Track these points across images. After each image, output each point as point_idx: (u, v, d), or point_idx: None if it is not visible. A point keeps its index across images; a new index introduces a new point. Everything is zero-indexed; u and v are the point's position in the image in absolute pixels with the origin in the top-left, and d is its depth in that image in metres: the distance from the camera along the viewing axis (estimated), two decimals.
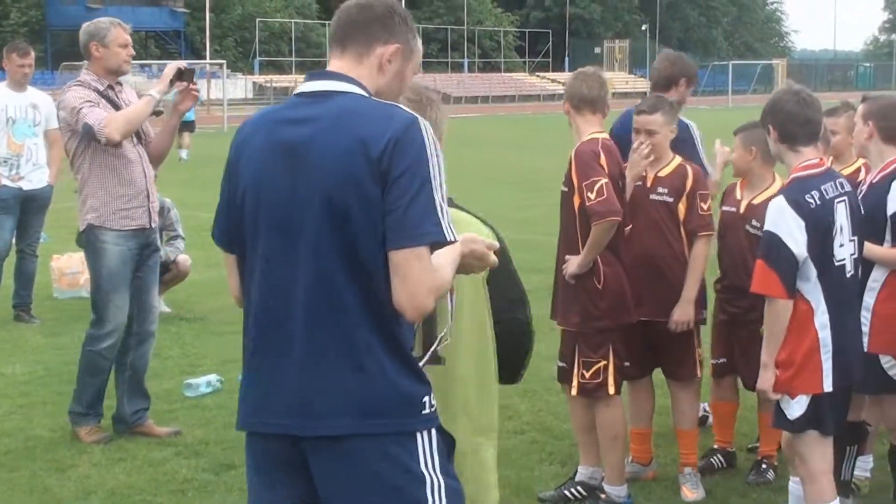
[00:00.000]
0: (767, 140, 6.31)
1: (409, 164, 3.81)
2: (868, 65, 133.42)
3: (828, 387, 6.01)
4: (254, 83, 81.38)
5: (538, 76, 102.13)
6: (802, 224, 5.89)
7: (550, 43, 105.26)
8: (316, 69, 4.35)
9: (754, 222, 7.54)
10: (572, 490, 7.43)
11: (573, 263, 7.03)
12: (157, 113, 8.36)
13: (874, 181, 6.82)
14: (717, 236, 7.71)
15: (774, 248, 5.90)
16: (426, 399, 3.96)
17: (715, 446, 8.11)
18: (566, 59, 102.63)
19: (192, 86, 8.35)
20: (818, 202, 5.96)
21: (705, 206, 7.45)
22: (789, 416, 6.10)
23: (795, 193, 5.98)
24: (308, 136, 3.93)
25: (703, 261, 7.46)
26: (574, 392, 7.21)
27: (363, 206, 3.82)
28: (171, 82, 8.30)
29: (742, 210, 7.71)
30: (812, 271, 5.93)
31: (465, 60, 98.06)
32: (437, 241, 3.85)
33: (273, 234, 3.97)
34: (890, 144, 6.68)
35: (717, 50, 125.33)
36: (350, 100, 3.98)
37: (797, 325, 5.98)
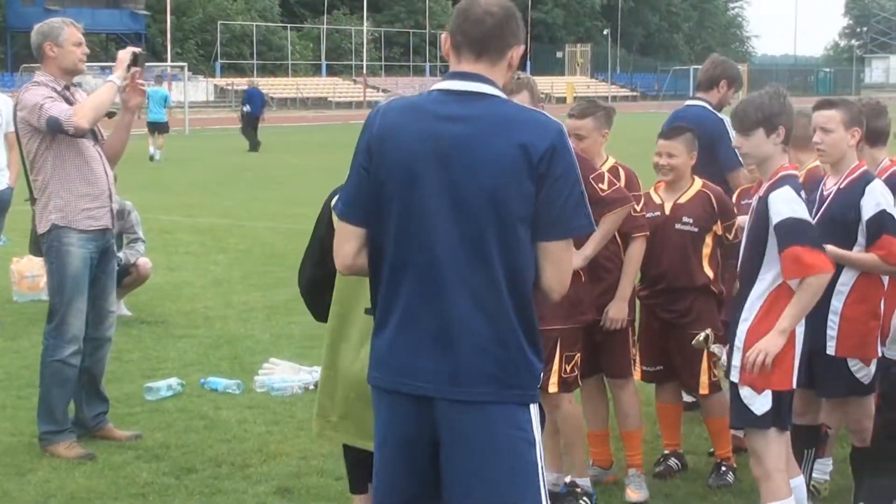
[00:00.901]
0: (762, 140, 6.23)
1: (564, 168, 4.41)
2: (828, 70, 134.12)
3: (794, 384, 6.11)
4: (215, 86, 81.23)
5: None
6: (807, 213, 6.05)
7: None
8: (274, 69, 4.74)
9: (685, 219, 7.69)
10: None
11: (579, 256, 7.06)
12: (109, 115, 8.30)
13: (841, 186, 6.90)
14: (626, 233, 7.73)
15: (802, 229, 5.97)
16: (542, 374, 4.59)
17: (666, 451, 8.14)
18: (528, 62, 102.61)
19: (138, 81, 8.28)
20: (805, 201, 6.11)
21: (638, 208, 7.50)
22: (756, 412, 6.13)
23: (795, 185, 6.10)
24: (467, 136, 4.42)
25: (637, 261, 7.53)
26: (554, 388, 7.24)
27: (521, 200, 4.38)
28: (128, 67, 8.25)
29: (668, 211, 7.75)
30: None
31: (427, 64, 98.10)
32: (589, 231, 4.62)
33: (427, 217, 4.43)
34: (877, 147, 6.69)
35: (678, 55, 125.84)
36: (499, 104, 4.49)
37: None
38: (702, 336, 6.89)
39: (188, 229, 20.18)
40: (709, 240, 7.74)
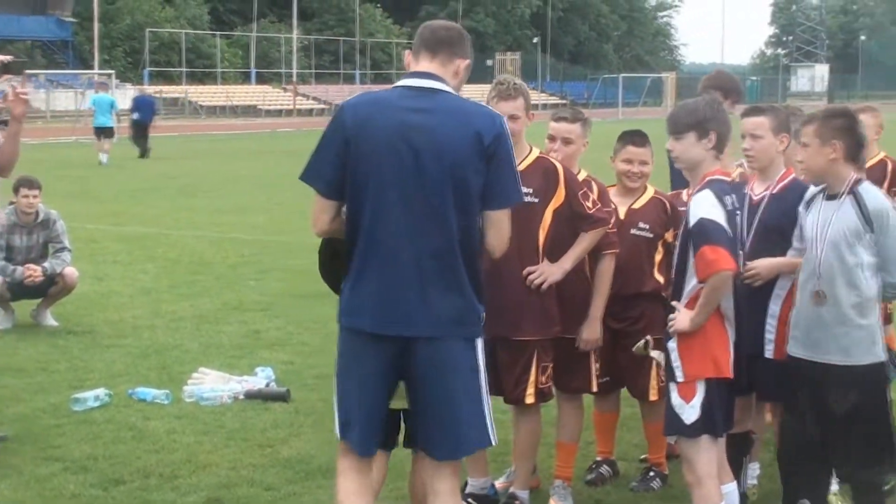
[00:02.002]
0: (693, 144, 6.33)
1: (505, 151, 5.57)
2: (755, 78, 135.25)
3: (731, 373, 6.22)
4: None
5: None
6: (725, 217, 6.11)
7: None
8: (202, 76, 5.04)
9: (641, 224, 7.71)
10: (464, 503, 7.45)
11: (558, 270, 7.19)
12: (2, 122, 8.16)
13: (774, 192, 7.04)
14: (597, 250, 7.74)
15: (712, 229, 6.06)
16: (483, 314, 5.70)
17: (599, 458, 8.16)
18: None
19: (20, 91, 8.12)
20: (731, 206, 6.19)
21: (611, 225, 7.50)
22: (685, 421, 6.22)
23: (718, 190, 6.18)
24: (432, 125, 5.50)
25: (609, 278, 7.51)
26: (531, 399, 7.26)
27: (475, 176, 5.49)
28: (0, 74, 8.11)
29: (623, 216, 7.75)
30: None
31: (357, 72, 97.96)
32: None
33: (402, 192, 5.49)
34: (850, 163, 6.63)
35: (607, 63, 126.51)
36: (454, 98, 5.64)
37: (714, 315, 6.18)
38: (641, 342, 6.93)
39: (115, 238, 20.00)
40: (660, 246, 7.75)
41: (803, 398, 6.65)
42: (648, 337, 6.99)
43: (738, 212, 6.33)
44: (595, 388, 7.76)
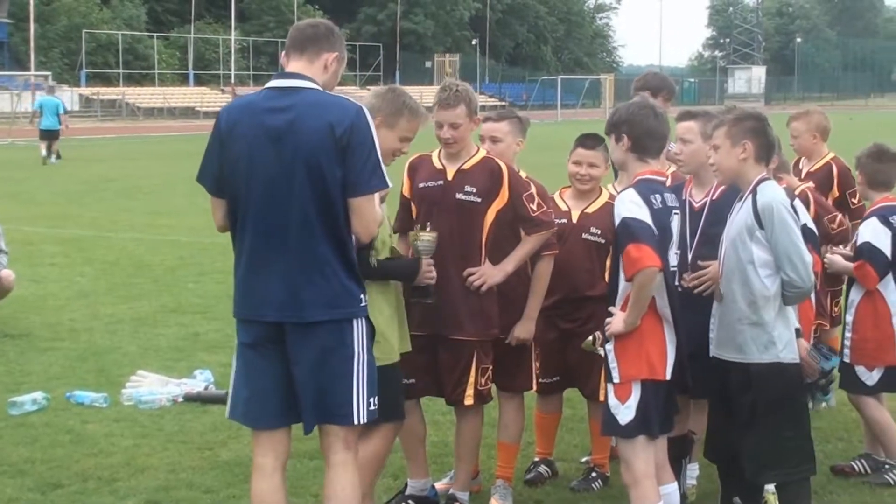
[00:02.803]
0: (614, 146, 6.51)
1: (360, 139, 5.75)
2: (693, 80, 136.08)
3: (667, 376, 6.29)
4: (80, 95, 80.00)
5: (369, 89, 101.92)
6: (649, 216, 6.18)
7: (381, 56, 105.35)
8: (145, 78, 5.33)
9: (593, 230, 7.74)
10: None
11: (500, 272, 7.24)
12: None
13: (714, 198, 7.15)
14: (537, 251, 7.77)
15: (636, 227, 6.14)
16: (362, 296, 5.94)
17: (537, 458, 8.20)
18: (397, 72, 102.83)
19: None
20: (660, 205, 6.25)
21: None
22: (620, 422, 6.29)
23: (643, 189, 6.26)
24: (290, 121, 5.78)
25: (546, 280, 7.54)
26: (470, 401, 7.28)
27: (332, 166, 5.73)
28: None
29: (575, 220, 7.79)
30: None
31: None
32: (383, 188, 5.91)
33: (266, 188, 5.80)
34: (761, 164, 6.68)
35: (546, 65, 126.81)
36: (313, 93, 5.88)
37: (650, 317, 6.26)
38: (590, 338, 6.95)
39: (53, 240, 19.86)
40: (612, 251, 7.75)
41: (716, 396, 6.80)
42: (597, 333, 7.04)
43: (677, 211, 6.41)
44: (535, 387, 7.79)
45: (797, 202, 7.16)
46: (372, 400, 5.94)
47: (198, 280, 16.12)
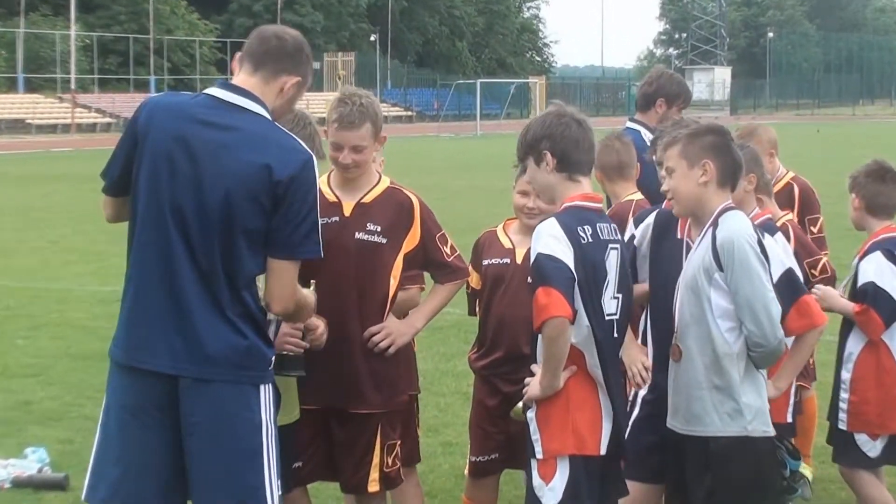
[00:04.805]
0: (535, 170, 6.48)
1: (301, 196, 5.83)
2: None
3: (600, 451, 6.30)
4: None
5: None
6: (571, 254, 6.14)
7: None
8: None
9: None
10: None
11: (410, 329, 7.30)
12: None
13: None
14: (482, 298, 7.76)
15: (549, 268, 6.09)
16: (271, 358, 6.05)
17: None
18: None
19: None
20: (590, 239, 6.23)
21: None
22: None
23: (569, 220, 6.23)
24: (221, 142, 5.83)
25: (446, 301, 7.55)
26: (375, 487, 7.27)
27: (252, 214, 5.79)
28: None
29: (520, 260, 7.67)
30: (583, 317, 6.18)
31: (153, 77, 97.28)
32: (314, 257, 5.99)
33: (171, 209, 5.83)
34: (725, 189, 6.70)
35: (462, 66, 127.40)
36: (260, 123, 5.93)
37: (578, 379, 6.26)
38: (520, 404, 6.80)
39: None
40: None
41: (671, 479, 6.81)
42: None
43: (615, 245, 6.37)
44: (467, 468, 7.91)
45: (778, 237, 7.17)
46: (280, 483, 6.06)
47: (29, 335, 15.97)
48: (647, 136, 9.11)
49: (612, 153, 8.42)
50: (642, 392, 7.08)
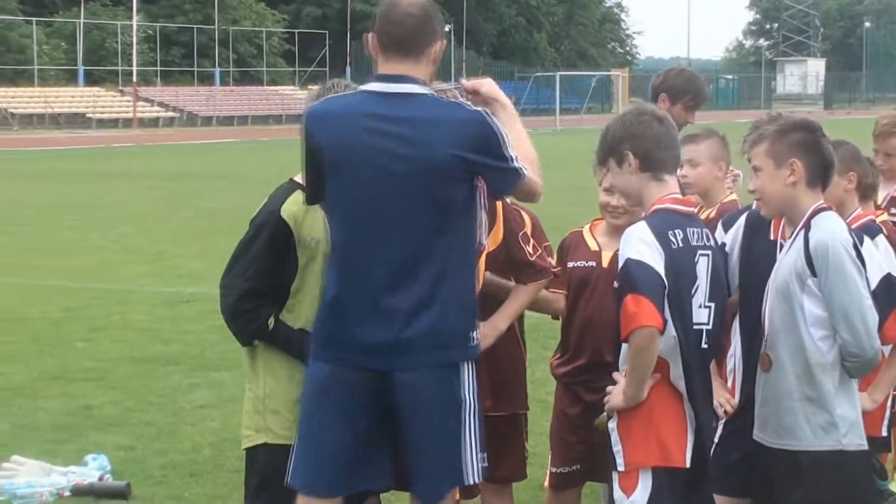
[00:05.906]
0: (619, 172, 6.44)
1: (490, 147, 6.25)
2: (731, 77, 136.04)
3: (685, 463, 6.26)
4: None
5: (310, 89, 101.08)
6: (662, 260, 6.11)
7: (328, 47, 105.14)
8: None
9: None
10: None
11: (492, 331, 7.23)
12: None
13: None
14: (567, 301, 7.74)
15: (638, 275, 6.05)
16: (475, 335, 6.53)
17: None
18: (347, 67, 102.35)
19: None
20: (681, 244, 6.20)
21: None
22: None
23: (660, 224, 6.20)
24: (405, 133, 6.21)
25: (529, 301, 7.52)
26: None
27: (455, 187, 6.26)
28: None
29: (606, 263, 7.65)
30: (670, 326, 6.13)
31: (217, 70, 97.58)
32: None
33: (371, 210, 6.26)
34: (816, 189, 6.62)
35: (540, 58, 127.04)
36: (429, 102, 6.31)
37: (661, 389, 6.23)
38: (605, 414, 6.79)
39: None
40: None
41: (758, 494, 6.75)
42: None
43: (706, 251, 6.35)
44: (547, 481, 7.85)
45: (880, 240, 7.08)
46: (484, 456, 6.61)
47: (89, 338, 16.05)
48: None
49: None
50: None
